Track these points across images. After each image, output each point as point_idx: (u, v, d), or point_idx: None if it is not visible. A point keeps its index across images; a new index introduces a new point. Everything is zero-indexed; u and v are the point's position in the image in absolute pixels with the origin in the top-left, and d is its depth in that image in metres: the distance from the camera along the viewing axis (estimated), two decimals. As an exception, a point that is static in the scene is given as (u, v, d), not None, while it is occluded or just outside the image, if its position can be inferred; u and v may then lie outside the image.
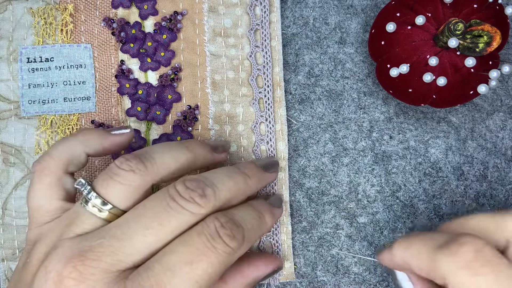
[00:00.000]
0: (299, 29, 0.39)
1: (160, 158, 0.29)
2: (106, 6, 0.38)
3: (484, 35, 0.33)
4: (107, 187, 0.28)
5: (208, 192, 0.28)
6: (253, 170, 0.32)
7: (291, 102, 0.39)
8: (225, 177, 0.30)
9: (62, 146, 0.31)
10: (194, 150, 0.31)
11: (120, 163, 0.28)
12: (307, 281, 0.38)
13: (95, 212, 0.28)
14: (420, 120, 0.39)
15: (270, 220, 0.32)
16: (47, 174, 0.30)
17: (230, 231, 0.27)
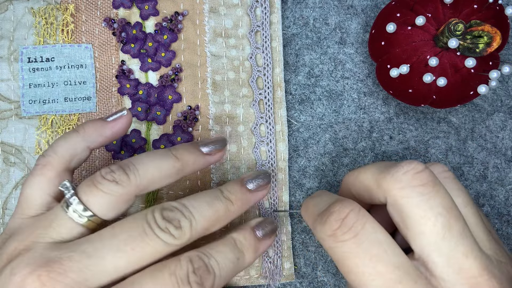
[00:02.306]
0: (299, 29, 0.40)
1: (144, 170, 0.29)
2: (107, 6, 0.38)
3: (484, 35, 0.33)
4: (89, 194, 0.28)
5: (184, 224, 0.28)
6: (237, 194, 0.32)
7: (291, 102, 0.39)
8: (206, 205, 0.29)
9: (66, 143, 0.31)
10: (182, 158, 0.31)
11: (105, 173, 0.28)
12: (308, 282, 0.38)
13: (74, 218, 0.28)
14: (420, 121, 0.39)
15: (251, 257, 0.31)
16: (49, 169, 0.30)
17: (200, 279, 0.27)
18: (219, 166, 0.38)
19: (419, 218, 0.26)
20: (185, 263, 0.27)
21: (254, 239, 0.32)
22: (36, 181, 0.30)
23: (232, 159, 0.38)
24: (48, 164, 0.30)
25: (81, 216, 0.28)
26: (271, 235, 0.33)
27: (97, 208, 0.28)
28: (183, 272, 0.27)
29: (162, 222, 0.27)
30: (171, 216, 0.28)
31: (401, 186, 0.26)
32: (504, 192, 0.39)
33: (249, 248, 0.31)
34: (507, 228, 0.39)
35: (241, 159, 0.38)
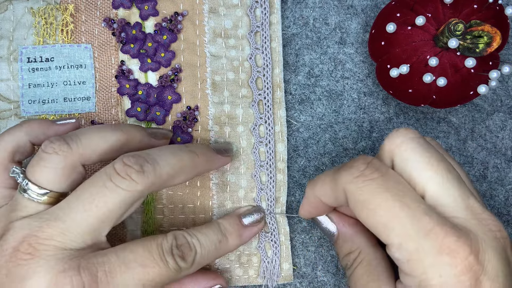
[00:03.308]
0: (299, 29, 0.39)
1: (87, 139, 0.30)
2: (106, 6, 0.38)
3: (484, 35, 0.33)
4: (36, 173, 0.29)
5: (147, 168, 0.29)
6: (202, 149, 0.33)
7: (291, 102, 0.39)
8: (169, 153, 0.30)
9: (8, 136, 0.32)
10: (128, 132, 0.31)
11: (44, 146, 0.29)
12: (307, 281, 0.38)
13: (34, 198, 0.29)
14: (420, 121, 0.39)
15: (234, 242, 0.34)
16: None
17: (182, 254, 0.30)
18: (218, 166, 0.38)
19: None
20: (171, 238, 0.30)
21: (239, 225, 0.35)
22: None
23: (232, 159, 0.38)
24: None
25: (38, 195, 0.29)
26: (258, 223, 0.36)
27: (47, 183, 0.29)
28: (168, 245, 0.29)
29: (122, 169, 0.28)
30: (133, 161, 0.29)
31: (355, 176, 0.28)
32: (504, 192, 0.39)
33: (232, 233, 0.34)
34: (507, 227, 0.39)
35: (240, 159, 0.38)
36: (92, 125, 0.31)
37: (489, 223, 0.27)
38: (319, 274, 0.38)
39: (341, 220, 0.33)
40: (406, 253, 0.26)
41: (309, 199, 0.32)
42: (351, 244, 0.32)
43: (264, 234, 0.37)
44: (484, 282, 0.25)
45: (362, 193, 0.27)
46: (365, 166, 0.28)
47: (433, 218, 0.26)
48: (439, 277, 0.25)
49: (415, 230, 0.26)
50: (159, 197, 0.37)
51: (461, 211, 0.27)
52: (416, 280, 0.26)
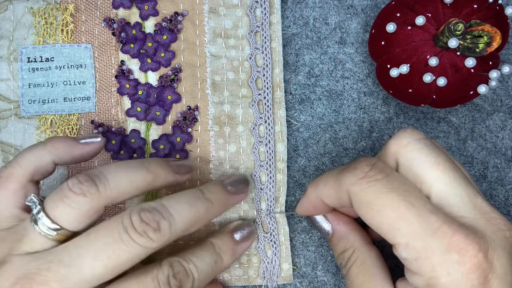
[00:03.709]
0: (299, 29, 0.39)
1: (115, 181, 0.29)
2: (106, 6, 0.38)
3: (484, 35, 0.33)
4: (56, 209, 0.28)
5: (163, 226, 0.28)
6: (218, 195, 0.32)
7: (291, 102, 0.39)
8: (186, 206, 0.30)
9: (31, 154, 0.30)
10: (154, 171, 0.30)
11: (72, 184, 0.28)
12: (307, 281, 0.38)
13: (44, 232, 0.28)
14: (420, 120, 0.39)
15: (228, 260, 0.33)
16: (12, 181, 0.30)
17: (180, 283, 0.29)
18: (218, 167, 0.38)
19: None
20: (166, 268, 0.29)
21: (232, 242, 0.34)
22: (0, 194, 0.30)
23: (231, 160, 0.38)
24: (10, 177, 0.30)
25: (49, 230, 0.28)
26: (249, 238, 0.35)
27: (65, 223, 0.28)
28: (164, 276, 0.28)
29: (140, 226, 0.27)
30: (150, 218, 0.28)
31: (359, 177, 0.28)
32: (504, 192, 0.39)
33: (226, 252, 0.33)
34: (507, 228, 0.39)
35: (240, 159, 0.38)
36: (119, 162, 0.30)
37: (498, 222, 0.27)
38: (319, 274, 0.38)
39: (335, 218, 0.34)
40: (414, 252, 0.26)
41: (309, 198, 0.32)
42: (345, 242, 0.33)
43: (264, 235, 0.37)
44: (492, 280, 0.25)
45: (367, 194, 0.27)
46: (369, 167, 0.28)
47: (440, 216, 0.26)
48: (447, 275, 0.25)
49: (422, 229, 0.26)
50: (159, 196, 0.37)
51: (469, 211, 0.27)
52: (424, 278, 0.26)
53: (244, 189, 0.35)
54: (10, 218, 0.29)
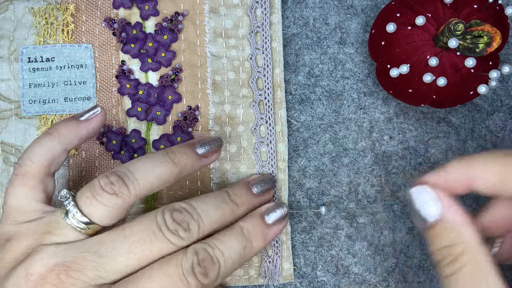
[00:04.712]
0: (299, 29, 0.40)
1: (143, 180, 0.29)
2: (107, 6, 0.38)
3: (484, 35, 0.33)
4: (90, 206, 0.29)
5: (193, 227, 0.29)
6: (243, 197, 0.33)
7: (291, 102, 0.39)
8: (213, 208, 0.31)
9: (42, 149, 0.31)
10: (180, 163, 0.31)
11: (104, 184, 0.29)
12: (307, 281, 0.38)
13: (75, 225, 0.29)
14: (420, 120, 0.39)
15: (259, 244, 0.32)
16: (30, 178, 0.30)
17: (205, 270, 0.28)
18: (219, 167, 0.38)
19: None
20: (191, 255, 0.28)
21: (263, 226, 0.32)
22: (19, 191, 0.30)
23: (232, 160, 0.38)
24: (27, 174, 0.30)
25: (80, 223, 0.29)
26: (282, 221, 0.33)
27: (97, 218, 0.29)
28: (188, 263, 0.28)
29: (172, 225, 0.29)
30: (181, 218, 0.29)
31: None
32: (504, 192, 0.39)
33: (256, 236, 0.32)
34: (507, 228, 0.39)
35: (241, 159, 0.38)
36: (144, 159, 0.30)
37: None
38: (319, 274, 0.38)
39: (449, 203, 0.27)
40: None
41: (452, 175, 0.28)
42: (455, 236, 0.27)
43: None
44: None
45: None
46: None
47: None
48: None
49: None
50: (160, 197, 0.37)
51: None
52: None
53: (270, 190, 0.35)
54: (32, 212, 0.30)
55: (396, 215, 0.38)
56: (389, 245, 0.38)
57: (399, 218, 0.38)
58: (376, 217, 0.38)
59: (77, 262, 0.27)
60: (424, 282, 0.38)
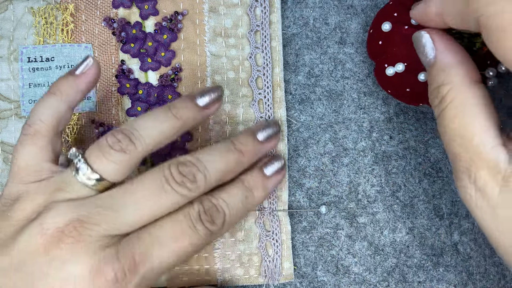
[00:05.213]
0: (299, 29, 0.40)
1: (148, 136, 0.30)
2: (106, 6, 0.38)
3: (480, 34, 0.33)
4: (100, 163, 0.29)
5: (199, 178, 0.30)
6: (248, 145, 0.33)
7: (291, 102, 0.39)
8: (218, 158, 0.31)
9: (48, 109, 0.32)
10: (182, 117, 0.31)
11: (112, 142, 0.30)
12: (307, 281, 0.38)
13: (86, 183, 0.30)
14: (420, 120, 0.39)
15: (260, 195, 0.33)
16: (39, 137, 0.31)
17: (211, 218, 0.30)
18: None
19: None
20: (197, 205, 0.30)
21: (262, 177, 0.34)
22: (28, 151, 0.31)
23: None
24: (37, 133, 0.31)
25: (91, 180, 0.29)
26: (280, 172, 0.35)
27: (107, 174, 0.30)
28: (195, 212, 0.30)
29: (178, 177, 0.30)
30: (187, 170, 0.30)
31: None
32: (504, 192, 0.39)
33: (257, 186, 0.33)
34: (507, 228, 0.39)
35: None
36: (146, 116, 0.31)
37: None
38: (319, 274, 0.38)
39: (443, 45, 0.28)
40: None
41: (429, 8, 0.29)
42: (444, 76, 0.28)
43: (266, 233, 0.37)
44: None
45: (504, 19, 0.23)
46: None
47: None
48: None
49: None
50: None
51: None
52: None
53: (275, 135, 0.35)
54: (41, 172, 0.31)
55: (396, 215, 0.38)
56: (389, 245, 0.38)
57: (399, 218, 0.38)
58: (376, 217, 0.38)
59: (91, 216, 0.28)
60: (424, 282, 0.38)
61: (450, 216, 0.38)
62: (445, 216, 0.38)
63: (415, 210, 0.38)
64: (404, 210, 0.38)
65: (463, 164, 0.26)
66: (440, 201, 0.39)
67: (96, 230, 0.28)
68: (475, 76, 0.27)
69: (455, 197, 0.39)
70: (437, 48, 0.29)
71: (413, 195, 0.39)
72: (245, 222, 0.37)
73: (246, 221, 0.37)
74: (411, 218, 0.38)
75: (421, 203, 0.38)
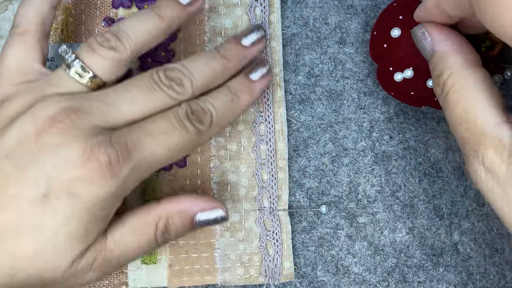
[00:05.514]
0: (299, 29, 0.39)
1: (135, 36, 0.31)
2: (106, 6, 0.38)
3: (486, 39, 0.33)
4: (91, 58, 0.30)
5: (186, 83, 0.31)
6: (233, 51, 0.34)
7: (291, 102, 0.39)
8: (203, 64, 0.32)
9: (34, 8, 0.32)
10: (166, 16, 0.32)
11: (101, 40, 0.30)
12: (307, 281, 0.38)
13: (77, 78, 0.30)
14: (420, 120, 0.39)
15: (246, 98, 0.34)
16: (29, 36, 0.31)
17: (198, 117, 0.31)
18: (219, 166, 0.38)
19: None
20: (184, 106, 0.31)
21: (248, 81, 0.34)
22: (18, 50, 0.31)
23: (232, 158, 0.38)
24: (25, 32, 0.31)
25: (82, 77, 0.30)
26: (266, 76, 0.35)
27: (98, 71, 0.30)
28: (183, 112, 0.31)
29: (166, 81, 0.31)
30: (173, 75, 0.31)
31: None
32: (504, 192, 0.39)
33: (242, 90, 0.34)
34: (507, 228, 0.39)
35: (241, 158, 0.38)
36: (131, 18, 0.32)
37: None
38: (319, 274, 0.38)
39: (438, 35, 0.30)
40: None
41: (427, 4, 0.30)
42: (442, 64, 0.28)
43: (266, 233, 0.37)
44: None
45: None
46: None
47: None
48: None
49: None
50: (159, 192, 0.37)
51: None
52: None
53: (260, 40, 0.35)
54: (31, 73, 0.31)
55: (396, 215, 0.38)
56: (389, 245, 0.38)
57: (399, 218, 0.38)
58: (376, 217, 0.38)
59: (83, 106, 0.29)
60: (424, 282, 0.38)
61: (450, 216, 0.39)
62: (445, 216, 0.39)
63: (415, 210, 0.39)
64: (404, 210, 0.39)
65: (471, 147, 0.27)
66: (440, 201, 0.39)
67: (88, 120, 0.28)
68: (474, 60, 0.28)
69: (455, 197, 0.39)
70: (434, 39, 0.30)
71: (413, 195, 0.39)
72: (246, 222, 0.37)
73: (246, 220, 0.37)
74: (411, 218, 0.38)
75: (421, 203, 0.39)
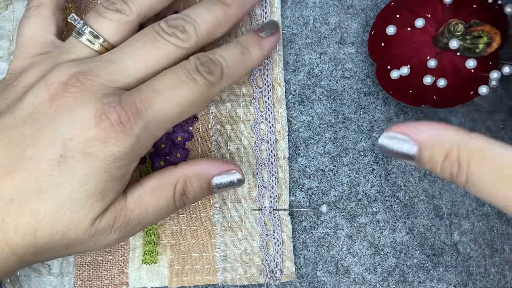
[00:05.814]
0: (299, 29, 0.40)
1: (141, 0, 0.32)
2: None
3: (484, 36, 0.33)
4: (98, 23, 0.31)
5: (189, 28, 0.31)
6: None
7: (291, 102, 0.39)
8: (204, 11, 0.32)
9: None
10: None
11: (107, 4, 0.32)
12: (307, 281, 0.38)
13: (88, 43, 0.31)
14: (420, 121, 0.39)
15: (256, 53, 0.34)
16: (44, 8, 0.33)
17: (208, 69, 0.31)
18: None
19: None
20: (193, 59, 0.31)
21: (257, 36, 0.35)
22: (34, 22, 0.33)
23: (232, 158, 0.38)
24: (41, 4, 0.33)
25: (93, 42, 0.31)
26: (275, 33, 0.35)
27: (106, 34, 0.31)
28: (192, 65, 0.31)
29: (168, 29, 0.31)
30: (175, 23, 0.31)
31: None
32: (504, 192, 0.39)
33: (252, 44, 0.34)
34: (507, 228, 0.39)
35: (241, 157, 0.38)
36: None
37: None
38: (319, 274, 0.38)
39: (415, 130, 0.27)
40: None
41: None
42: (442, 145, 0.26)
43: (267, 232, 0.37)
44: None
45: None
46: None
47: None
48: None
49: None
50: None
51: None
52: None
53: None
54: (46, 44, 0.33)
55: (396, 215, 0.38)
56: (389, 245, 0.38)
57: (399, 218, 0.38)
58: (376, 217, 0.38)
59: (92, 69, 0.30)
60: (424, 282, 0.38)
61: (450, 216, 0.38)
62: (445, 216, 0.38)
63: (415, 210, 0.38)
64: (404, 210, 0.38)
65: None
66: (440, 201, 0.39)
67: (98, 81, 0.29)
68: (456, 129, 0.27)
69: (455, 197, 0.39)
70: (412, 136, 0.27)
71: (413, 195, 0.39)
72: (246, 222, 0.37)
73: (247, 220, 0.37)
74: (411, 218, 0.38)
75: (421, 203, 0.39)
